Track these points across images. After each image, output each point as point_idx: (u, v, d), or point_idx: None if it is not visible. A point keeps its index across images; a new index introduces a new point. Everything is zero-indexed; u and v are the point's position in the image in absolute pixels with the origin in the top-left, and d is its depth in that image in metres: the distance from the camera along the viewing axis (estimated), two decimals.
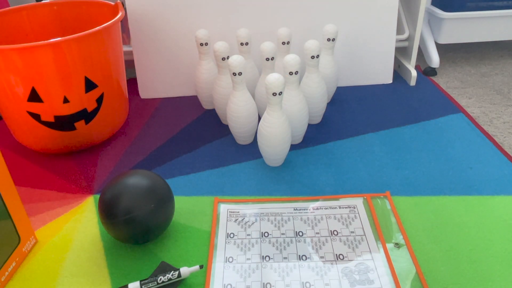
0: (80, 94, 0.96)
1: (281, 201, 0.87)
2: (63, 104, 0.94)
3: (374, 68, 1.32)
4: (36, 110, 0.94)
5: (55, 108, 0.95)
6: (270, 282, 0.70)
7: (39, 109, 0.94)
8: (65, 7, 1.16)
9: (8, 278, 0.72)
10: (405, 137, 1.07)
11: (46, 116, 0.95)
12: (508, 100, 1.28)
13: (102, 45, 0.97)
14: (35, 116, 0.95)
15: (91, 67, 0.95)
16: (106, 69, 1.00)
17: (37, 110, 0.94)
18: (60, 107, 0.95)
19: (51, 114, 0.95)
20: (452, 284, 0.69)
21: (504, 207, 0.84)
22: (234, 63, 0.94)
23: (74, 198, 0.91)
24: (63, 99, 0.94)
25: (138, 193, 0.73)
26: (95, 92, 0.98)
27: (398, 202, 0.86)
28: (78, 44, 0.91)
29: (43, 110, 0.94)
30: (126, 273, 0.73)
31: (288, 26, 1.10)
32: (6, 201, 0.70)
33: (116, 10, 1.07)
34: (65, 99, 0.94)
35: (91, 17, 1.16)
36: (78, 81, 0.94)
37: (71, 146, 1.02)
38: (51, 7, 1.15)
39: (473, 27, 1.40)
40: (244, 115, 0.99)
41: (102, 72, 0.99)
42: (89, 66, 0.95)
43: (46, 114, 0.95)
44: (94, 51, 0.95)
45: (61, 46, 0.88)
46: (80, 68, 0.93)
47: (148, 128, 1.15)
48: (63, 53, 0.89)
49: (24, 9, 1.12)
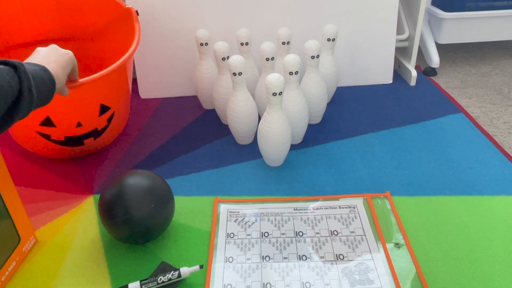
0: (93, 118, 0.94)
1: (281, 201, 0.87)
2: (76, 127, 0.93)
3: (374, 68, 1.32)
4: (47, 132, 0.92)
5: (67, 131, 0.93)
6: (270, 282, 0.70)
7: (50, 131, 0.92)
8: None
9: (8, 277, 0.72)
10: (405, 137, 1.07)
11: (56, 136, 0.93)
12: (508, 100, 1.28)
13: (121, 74, 0.96)
14: (45, 136, 0.93)
15: (108, 94, 0.94)
16: (120, 92, 0.99)
17: (48, 132, 0.92)
18: (72, 130, 0.93)
19: (62, 135, 0.93)
20: (452, 284, 0.69)
21: (504, 207, 0.84)
22: (234, 63, 0.94)
23: (74, 198, 0.91)
24: (77, 124, 0.92)
25: (138, 193, 0.73)
26: (107, 114, 0.96)
27: (398, 202, 0.86)
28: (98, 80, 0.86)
29: (54, 132, 0.92)
30: (126, 273, 0.73)
31: (288, 26, 1.10)
32: (6, 201, 0.70)
33: (127, 13, 1.03)
34: (78, 124, 0.92)
35: (92, 9, 1.11)
36: (94, 108, 0.93)
37: (76, 155, 1.02)
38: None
39: (473, 27, 1.40)
40: (244, 115, 0.99)
41: (116, 95, 0.98)
42: (106, 94, 0.94)
43: (57, 135, 0.93)
44: (113, 81, 0.94)
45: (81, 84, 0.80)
46: (97, 98, 0.92)
47: (148, 128, 1.15)
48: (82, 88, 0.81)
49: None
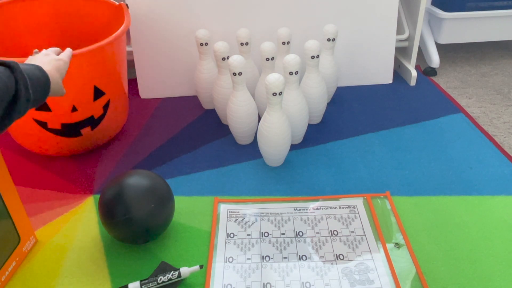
0: (88, 102, 0.95)
1: (281, 201, 0.87)
2: (71, 112, 0.93)
3: (374, 68, 1.32)
4: (43, 118, 0.93)
5: (63, 116, 0.93)
6: (270, 282, 0.70)
7: (46, 117, 0.93)
8: (62, 2, 1.12)
9: (8, 277, 0.72)
10: (405, 137, 1.07)
11: (53, 124, 0.94)
12: (508, 100, 1.28)
13: (111, 55, 0.96)
14: (41, 123, 0.94)
15: (100, 76, 0.95)
16: (113, 76, 1.00)
17: (44, 118, 0.93)
18: (68, 115, 0.94)
19: (58, 122, 0.94)
20: (452, 284, 0.69)
21: (504, 207, 0.84)
22: (234, 63, 0.94)
23: (74, 198, 0.91)
24: (72, 108, 0.93)
25: (138, 193, 0.73)
26: (103, 99, 0.97)
27: (398, 202, 0.86)
28: (90, 56, 0.89)
29: (51, 118, 0.93)
30: (126, 273, 0.73)
31: (288, 26, 1.10)
32: (6, 201, 0.70)
33: (119, 11, 1.05)
34: (73, 108, 0.93)
35: (90, 13, 1.13)
36: (88, 90, 0.93)
37: (75, 150, 1.02)
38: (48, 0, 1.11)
39: (473, 27, 1.40)
40: (244, 115, 0.99)
41: (109, 79, 0.98)
42: (99, 75, 0.94)
43: (53, 122, 0.94)
44: (104, 61, 0.94)
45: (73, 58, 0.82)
46: (90, 78, 0.92)
47: (148, 128, 1.15)
48: (73, 65, 0.83)
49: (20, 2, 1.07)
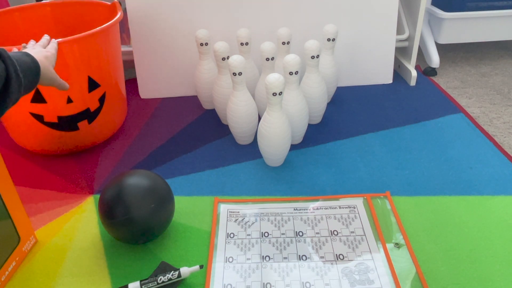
0: (83, 93, 0.96)
1: (281, 201, 0.87)
2: (67, 104, 0.94)
3: (374, 68, 1.32)
4: (39, 111, 0.94)
5: (59, 109, 0.94)
6: (270, 282, 0.70)
7: (42, 110, 0.94)
8: (61, 7, 1.15)
9: (8, 277, 0.72)
10: (405, 137, 1.07)
11: (49, 117, 0.95)
12: (508, 100, 1.28)
13: (104, 45, 0.97)
14: (38, 117, 0.94)
15: (94, 66, 0.96)
16: (107, 68, 1.00)
17: (40, 111, 0.94)
18: (64, 108, 0.94)
19: (54, 114, 0.95)
20: (452, 284, 0.69)
21: (504, 207, 0.84)
22: (234, 63, 0.94)
23: (74, 198, 0.91)
24: (67, 99, 0.94)
25: (138, 193, 0.73)
26: (98, 92, 0.98)
27: (398, 202, 0.86)
28: (80, 45, 0.91)
29: (47, 110, 0.94)
30: (126, 273, 0.73)
31: (288, 26, 1.10)
32: (6, 201, 0.70)
33: (113, 9, 1.07)
34: (68, 99, 0.94)
35: (87, 17, 1.16)
36: (82, 81, 0.94)
37: (73, 147, 1.02)
38: (45, 7, 1.14)
39: (473, 27, 1.40)
40: (244, 115, 0.99)
41: (104, 71, 0.99)
42: (92, 66, 0.95)
43: (50, 115, 0.95)
44: (97, 50, 0.95)
45: (63, 46, 0.88)
46: (83, 68, 0.93)
47: (148, 128, 1.15)
48: (65, 53, 0.89)
49: (18, 10, 1.11)
